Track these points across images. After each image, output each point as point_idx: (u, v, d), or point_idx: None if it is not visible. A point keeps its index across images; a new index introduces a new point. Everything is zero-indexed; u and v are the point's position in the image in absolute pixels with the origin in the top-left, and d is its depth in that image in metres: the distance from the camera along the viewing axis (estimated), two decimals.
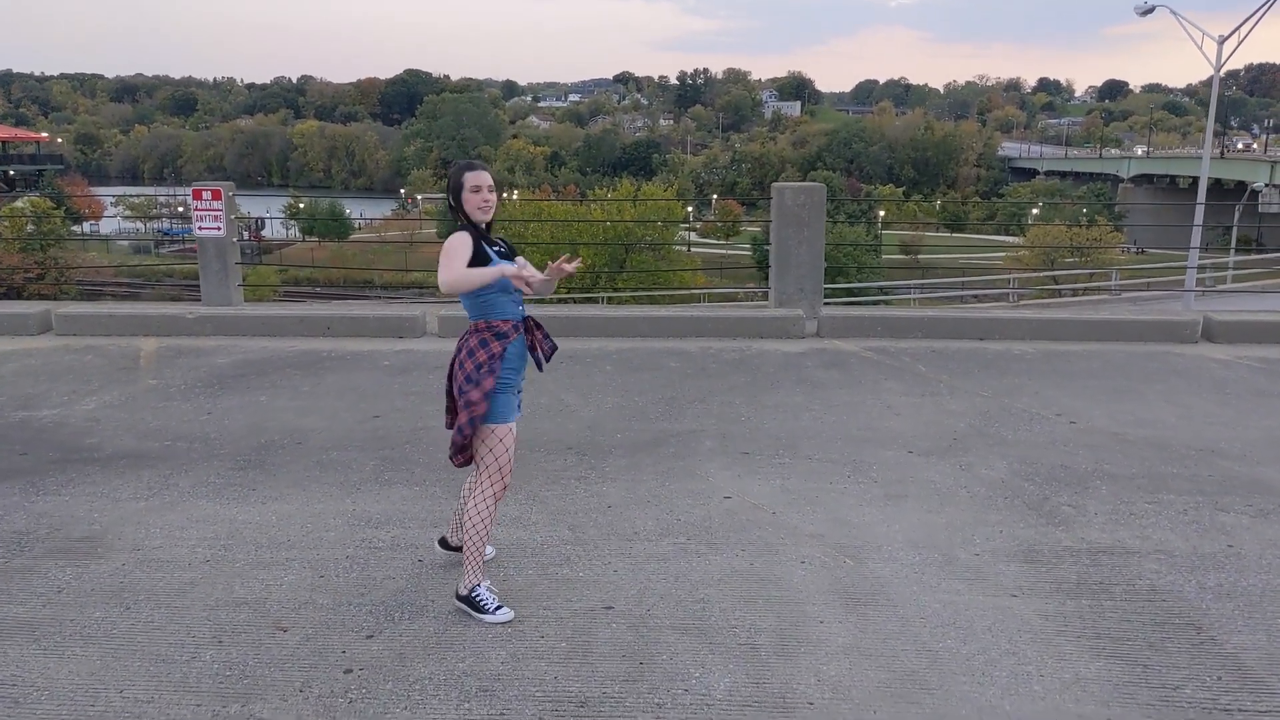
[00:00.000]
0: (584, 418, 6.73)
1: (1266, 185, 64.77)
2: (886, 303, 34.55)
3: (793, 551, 4.48)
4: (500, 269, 3.80)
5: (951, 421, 6.60)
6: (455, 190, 3.95)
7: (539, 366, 4.08)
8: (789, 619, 3.83)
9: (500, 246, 4.03)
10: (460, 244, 3.81)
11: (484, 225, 3.97)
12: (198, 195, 10.06)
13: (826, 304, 9.99)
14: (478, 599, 3.89)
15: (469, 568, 3.92)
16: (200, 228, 10.11)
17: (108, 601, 4.02)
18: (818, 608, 3.92)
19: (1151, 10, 25.03)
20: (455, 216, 3.99)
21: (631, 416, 6.77)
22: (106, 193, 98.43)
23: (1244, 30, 22.61)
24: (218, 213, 10.06)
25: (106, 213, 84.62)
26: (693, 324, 9.41)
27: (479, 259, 3.84)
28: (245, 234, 76.78)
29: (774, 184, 10.16)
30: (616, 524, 4.84)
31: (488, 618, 3.85)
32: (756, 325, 9.36)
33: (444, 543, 4.45)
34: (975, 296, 37.22)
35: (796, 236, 9.70)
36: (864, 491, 5.29)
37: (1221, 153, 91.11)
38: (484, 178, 3.98)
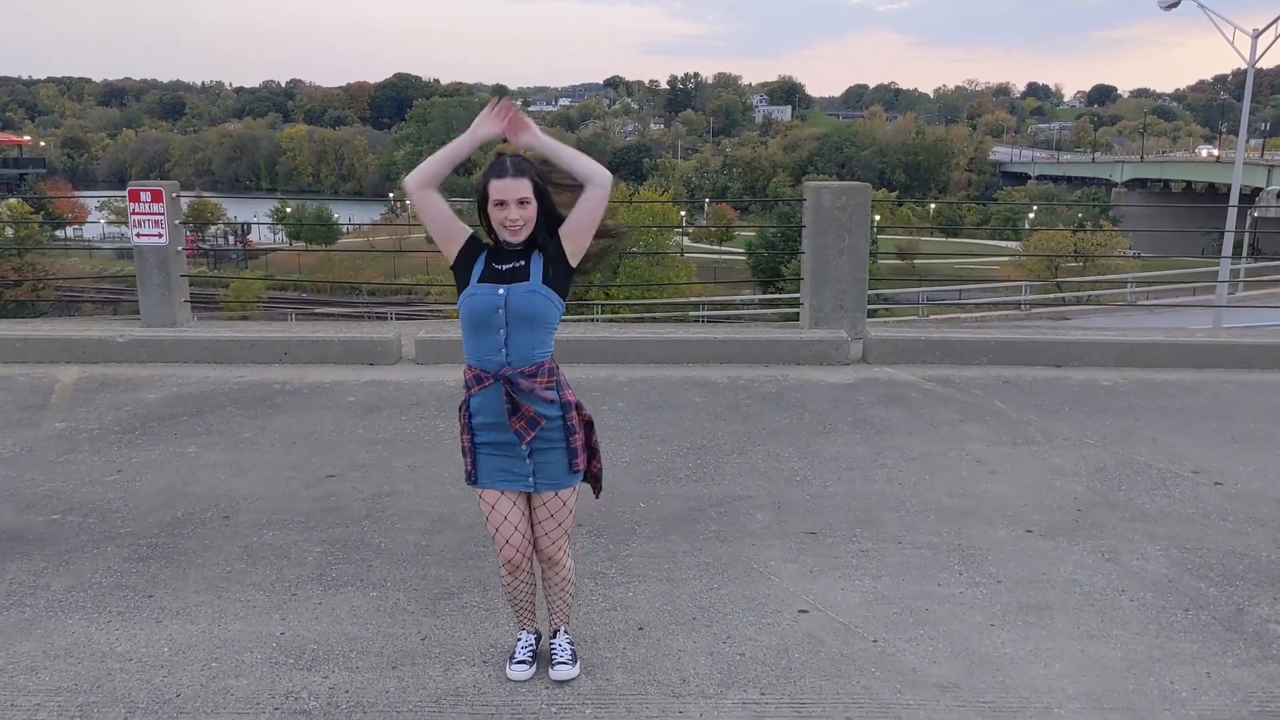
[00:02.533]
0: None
1: (1270, 189, 63.66)
2: (890, 312, 33.23)
3: (922, 719, 3.03)
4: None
5: (1065, 484, 5.17)
6: (480, 202, 3.00)
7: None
8: None
9: (513, 264, 3.01)
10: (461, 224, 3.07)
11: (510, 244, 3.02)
12: (135, 197, 8.55)
13: (870, 322, 8.56)
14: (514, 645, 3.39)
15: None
16: (138, 234, 8.60)
17: None
18: None
19: (1177, 4, 23.71)
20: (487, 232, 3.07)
21: (656, 475, 5.32)
22: (90, 196, 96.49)
23: None
24: (159, 217, 8.56)
25: (90, 217, 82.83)
26: (716, 348, 7.96)
27: (464, 264, 3.03)
28: (232, 239, 75.60)
29: (809, 183, 8.73)
30: (655, 663, 3.38)
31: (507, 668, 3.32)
32: (792, 349, 7.93)
33: None
34: (976, 304, 35.93)
35: (836, 245, 8.25)
36: (988, 600, 3.85)
37: (1218, 158, 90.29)
38: (512, 188, 2.91)
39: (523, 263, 2.99)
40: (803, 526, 4.60)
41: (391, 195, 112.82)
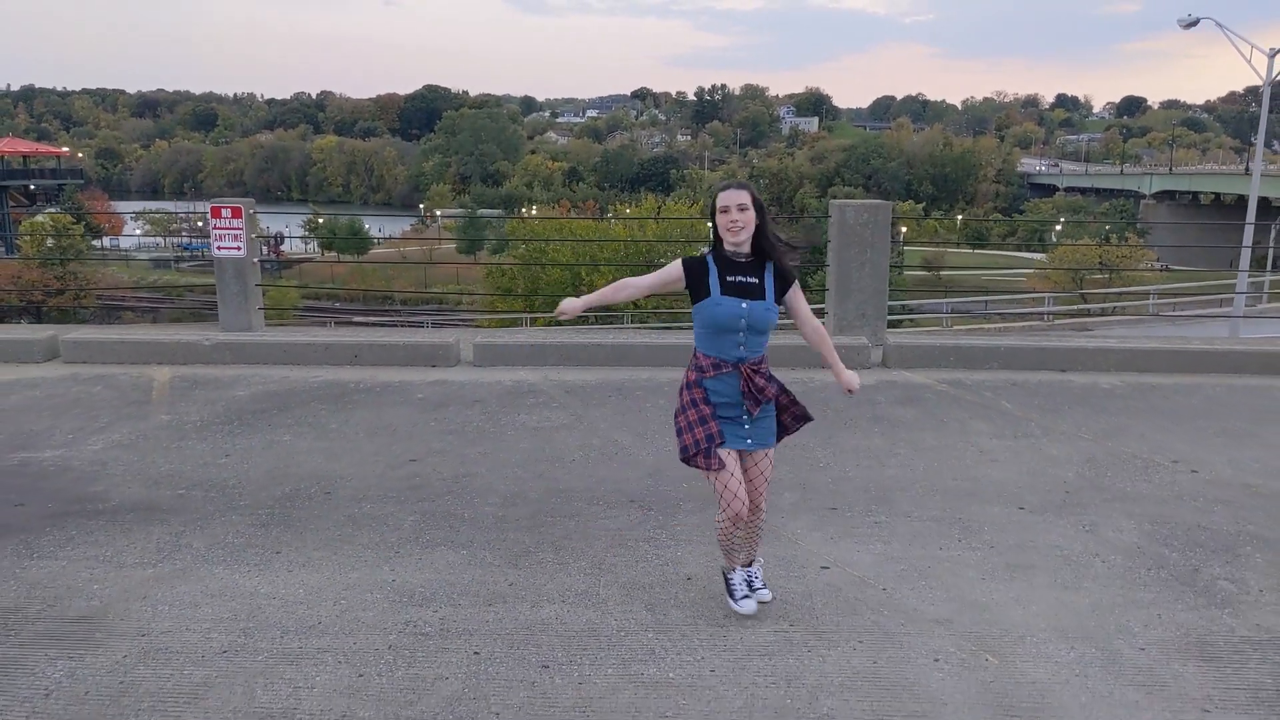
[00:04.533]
0: (643, 462, 6.02)
1: None
2: (914, 322, 33.79)
3: (920, 644, 3.76)
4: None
5: (1057, 470, 5.87)
6: (710, 212, 3.83)
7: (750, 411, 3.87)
8: None
9: (746, 278, 3.77)
10: (670, 266, 3.86)
11: (734, 247, 3.79)
12: (216, 213, 9.41)
13: (890, 330, 9.26)
14: (729, 582, 4.07)
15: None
16: (220, 248, 9.46)
17: (104, 711, 3.33)
18: None
19: (1196, 23, 24.28)
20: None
21: None
22: (126, 208, 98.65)
23: None
24: (238, 231, 9.42)
25: (126, 228, 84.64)
26: None
27: (697, 283, 3.79)
28: (265, 249, 76.89)
29: (834, 201, 9.46)
30: (701, 602, 4.13)
31: (731, 604, 4.02)
32: (818, 354, 8.63)
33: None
34: (1000, 315, 36.42)
35: (859, 258, 8.98)
36: (982, 560, 4.57)
37: (1245, 169, 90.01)
38: (733, 196, 3.73)
39: (756, 280, 3.77)
40: (825, 503, 5.32)
41: (421, 207, 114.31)
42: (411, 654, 3.70)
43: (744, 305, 3.73)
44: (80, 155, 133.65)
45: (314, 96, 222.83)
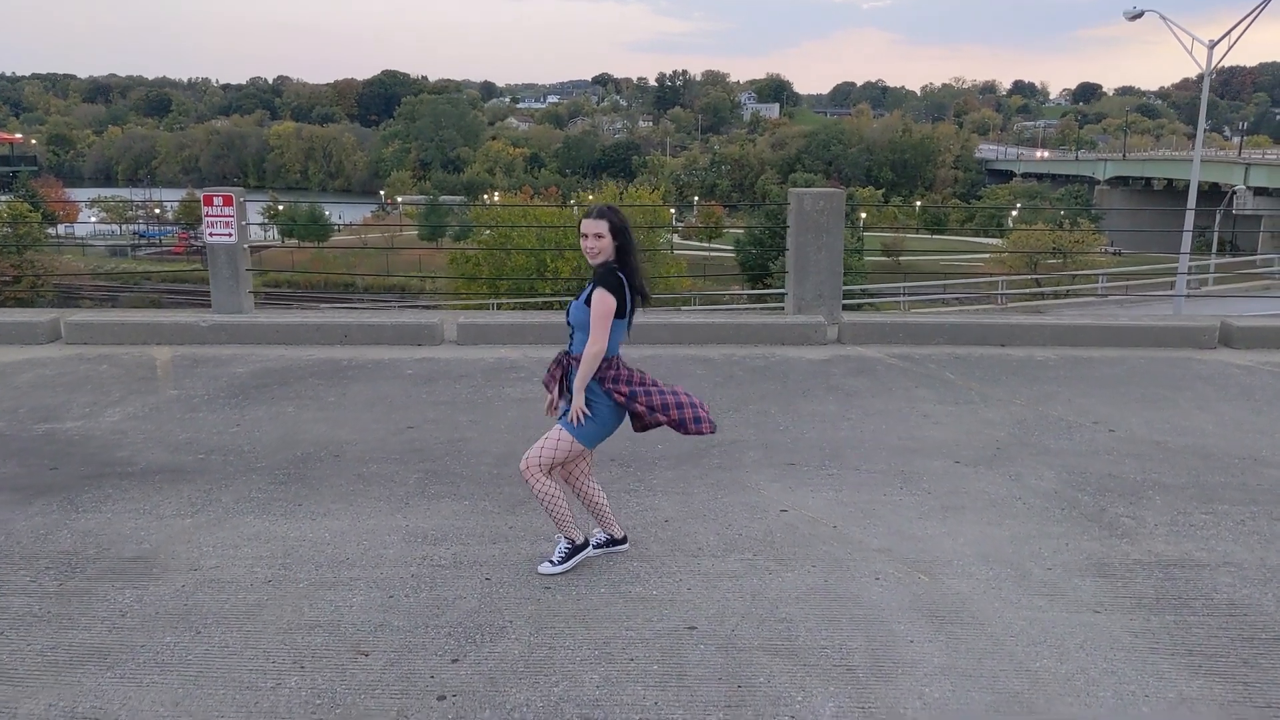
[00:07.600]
0: (621, 428, 6.63)
1: (1244, 187, 65.43)
2: (874, 306, 34.64)
3: (864, 567, 4.43)
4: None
5: (991, 431, 6.58)
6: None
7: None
8: (878, 638, 3.78)
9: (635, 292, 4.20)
10: (608, 306, 4.08)
11: (605, 268, 4.14)
12: (209, 201, 9.90)
13: (844, 310, 9.96)
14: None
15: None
16: (211, 234, 9.95)
17: (176, 625, 3.91)
18: (904, 626, 3.87)
19: (1140, 15, 25.23)
20: None
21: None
22: (82, 195, 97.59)
23: (1234, 34, 22.85)
24: (229, 219, 9.91)
25: (81, 215, 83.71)
26: (713, 331, 9.34)
27: (623, 302, 4.14)
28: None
29: (792, 190, 10.12)
30: (678, 539, 4.77)
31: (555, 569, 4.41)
32: (777, 332, 9.31)
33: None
34: (957, 299, 37.45)
35: (815, 243, 9.65)
36: (919, 503, 5.25)
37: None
38: (586, 225, 4.09)
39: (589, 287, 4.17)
40: (784, 460, 5.98)
41: (382, 193, 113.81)
42: (432, 580, 4.31)
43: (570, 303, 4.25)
44: (34, 141, 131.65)
45: (270, 82, 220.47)
